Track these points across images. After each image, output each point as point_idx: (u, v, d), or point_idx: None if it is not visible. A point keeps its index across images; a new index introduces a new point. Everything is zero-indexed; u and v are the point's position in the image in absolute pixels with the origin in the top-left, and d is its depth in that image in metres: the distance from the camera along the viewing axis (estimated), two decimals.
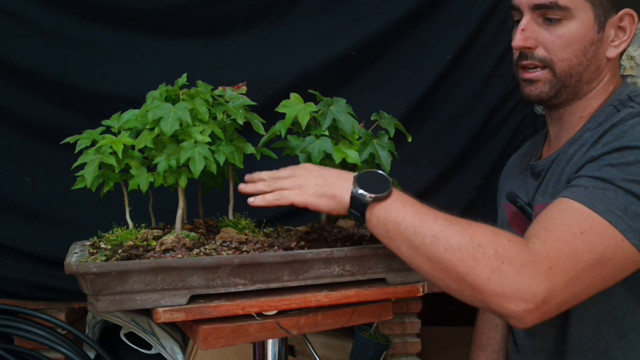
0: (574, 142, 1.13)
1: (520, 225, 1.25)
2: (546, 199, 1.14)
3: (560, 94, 1.14)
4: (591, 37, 1.09)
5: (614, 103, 1.11)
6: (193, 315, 0.99)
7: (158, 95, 1.13)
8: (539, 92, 1.14)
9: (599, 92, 1.15)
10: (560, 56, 1.10)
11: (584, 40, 1.09)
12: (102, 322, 1.84)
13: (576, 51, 1.09)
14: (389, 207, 0.98)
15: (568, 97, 1.15)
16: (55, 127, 1.60)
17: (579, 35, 1.09)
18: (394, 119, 1.22)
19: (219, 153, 1.08)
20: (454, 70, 1.71)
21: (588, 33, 1.09)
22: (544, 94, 1.14)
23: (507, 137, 1.74)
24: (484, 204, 1.74)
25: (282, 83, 1.62)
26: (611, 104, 1.12)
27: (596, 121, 1.12)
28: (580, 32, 1.08)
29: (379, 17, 1.65)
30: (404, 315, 1.82)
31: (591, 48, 1.10)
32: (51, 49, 1.61)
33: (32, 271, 1.62)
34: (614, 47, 1.11)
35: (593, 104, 1.15)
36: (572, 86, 1.13)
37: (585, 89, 1.14)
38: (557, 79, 1.12)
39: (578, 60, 1.10)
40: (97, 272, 0.93)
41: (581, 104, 1.16)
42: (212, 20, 1.65)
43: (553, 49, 1.10)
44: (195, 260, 0.98)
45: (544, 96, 1.14)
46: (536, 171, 1.22)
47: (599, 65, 1.12)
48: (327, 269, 1.06)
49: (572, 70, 1.11)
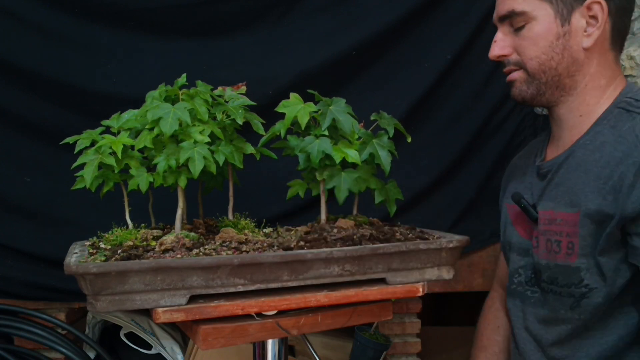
0: (584, 146, 1.13)
1: (524, 225, 1.25)
2: (557, 207, 1.14)
3: (542, 91, 1.16)
4: (555, 31, 1.12)
5: (620, 105, 1.11)
6: (193, 315, 0.99)
7: (157, 95, 1.13)
8: (519, 91, 1.18)
9: (590, 86, 1.15)
10: (529, 55, 1.14)
11: (549, 36, 1.12)
12: (102, 322, 1.84)
13: (543, 47, 1.13)
14: None
15: (555, 93, 1.16)
16: (55, 127, 1.60)
17: (542, 33, 1.12)
18: (394, 119, 1.22)
19: (219, 153, 1.08)
20: (454, 70, 1.71)
21: (551, 29, 1.12)
22: (525, 92, 1.18)
23: (507, 137, 1.74)
24: (484, 204, 1.74)
25: (282, 83, 1.62)
26: (618, 105, 1.12)
27: (607, 124, 1.11)
28: (542, 29, 1.12)
29: (379, 17, 1.65)
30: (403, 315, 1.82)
31: (559, 42, 1.12)
32: (51, 49, 1.61)
33: (32, 271, 1.62)
34: (587, 37, 1.12)
35: (587, 99, 1.15)
36: (550, 82, 1.15)
37: (568, 82, 1.15)
38: (532, 77, 1.16)
39: (547, 56, 1.13)
40: (97, 272, 0.93)
41: (574, 100, 1.16)
42: (212, 20, 1.65)
43: (522, 51, 1.15)
44: (195, 260, 0.98)
45: (526, 95, 1.18)
46: (542, 172, 1.21)
47: (575, 58, 1.13)
48: (327, 269, 1.06)
49: (543, 66, 1.14)
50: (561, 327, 1.15)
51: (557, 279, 1.14)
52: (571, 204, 1.11)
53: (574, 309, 1.12)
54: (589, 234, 1.08)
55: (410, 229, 1.22)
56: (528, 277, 1.23)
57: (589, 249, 1.08)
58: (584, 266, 1.09)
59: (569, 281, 1.12)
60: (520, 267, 1.25)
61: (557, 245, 1.13)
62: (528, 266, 1.23)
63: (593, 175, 1.08)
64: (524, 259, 1.24)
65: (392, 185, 1.23)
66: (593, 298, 1.09)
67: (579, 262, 1.10)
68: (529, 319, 1.22)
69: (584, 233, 1.09)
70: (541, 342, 1.19)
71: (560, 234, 1.13)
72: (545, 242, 1.16)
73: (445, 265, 1.14)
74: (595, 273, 1.08)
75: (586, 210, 1.08)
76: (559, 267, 1.13)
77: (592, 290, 1.09)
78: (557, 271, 1.13)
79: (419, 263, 1.11)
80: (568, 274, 1.12)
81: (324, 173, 1.16)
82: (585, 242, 1.08)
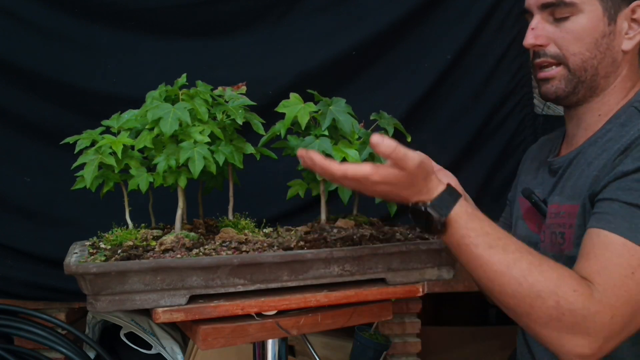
0: (594, 142, 1.12)
1: (534, 220, 1.24)
2: (562, 200, 1.14)
3: (578, 90, 1.13)
4: (602, 29, 1.09)
5: (635, 104, 1.10)
6: (192, 315, 0.98)
7: (157, 95, 1.12)
8: (555, 89, 1.14)
9: (617, 88, 1.14)
10: (572, 50, 1.10)
11: (595, 33, 1.09)
12: (102, 322, 1.84)
13: (588, 44, 1.10)
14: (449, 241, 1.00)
15: (586, 94, 1.14)
16: (55, 127, 1.60)
17: (588, 29, 1.09)
18: (394, 119, 1.22)
19: (219, 153, 1.08)
20: (454, 70, 1.71)
21: (598, 26, 1.09)
22: (561, 90, 1.14)
23: (507, 137, 1.74)
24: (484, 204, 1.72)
25: (282, 83, 1.62)
26: (632, 104, 1.11)
27: (617, 122, 1.11)
28: (590, 25, 1.09)
29: (379, 17, 1.65)
30: (403, 315, 1.82)
31: (603, 41, 1.09)
32: (51, 49, 1.61)
33: (32, 271, 1.62)
34: (629, 40, 1.10)
35: (611, 100, 1.14)
36: (588, 81, 1.12)
37: (602, 83, 1.13)
38: (572, 74, 1.12)
39: (591, 54, 1.10)
40: (97, 272, 0.93)
41: (599, 100, 1.14)
42: (212, 20, 1.65)
43: (564, 45, 1.11)
44: (195, 260, 0.98)
45: (561, 93, 1.14)
46: (554, 168, 1.21)
47: (614, 59, 1.11)
48: (327, 269, 1.06)
49: (586, 64, 1.11)
50: None
51: None
52: (573, 196, 1.11)
53: None
54: (583, 222, 1.08)
55: (411, 229, 1.22)
56: None
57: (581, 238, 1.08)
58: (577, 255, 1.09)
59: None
60: None
61: (561, 237, 1.13)
62: None
63: (594, 167, 1.08)
64: None
65: None
66: None
67: (574, 252, 1.09)
68: None
69: (579, 222, 1.09)
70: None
71: (563, 226, 1.13)
72: (550, 235, 1.16)
73: (445, 265, 1.14)
74: None
75: (583, 201, 1.08)
76: (564, 257, 1.12)
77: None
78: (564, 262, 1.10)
79: (419, 263, 1.11)
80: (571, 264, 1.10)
81: None
82: (581, 230, 1.08)
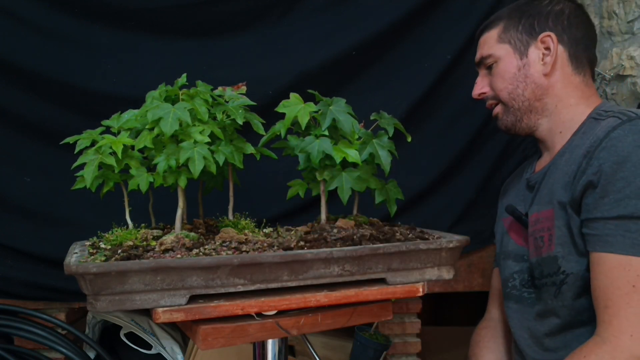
0: (563, 154, 1.24)
1: (519, 233, 1.32)
2: (539, 208, 1.25)
3: (519, 117, 1.31)
4: (516, 64, 1.29)
5: (593, 115, 1.23)
6: (192, 315, 0.99)
7: (158, 95, 1.13)
8: (502, 122, 1.34)
9: (561, 106, 1.27)
10: (498, 87, 1.31)
11: (511, 69, 1.29)
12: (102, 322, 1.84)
13: (509, 79, 1.29)
14: None
15: (530, 117, 1.30)
16: (55, 127, 1.60)
17: (506, 67, 1.30)
18: (394, 119, 1.22)
19: (219, 153, 1.08)
20: (454, 70, 1.71)
21: (512, 62, 1.29)
22: (506, 121, 1.33)
23: (507, 137, 1.74)
24: (484, 204, 1.74)
25: (282, 83, 1.62)
26: (591, 116, 1.24)
27: (580, 132, 1.24)
28: (506, 65, 1.30)
29: (379, 17, 1.65)
30: (403, 315, 1.82)
31: (520, 72, 1.29)
32: (51, 49, 1.61)
33: (32, 271, 1.62)
34: (544, 65, 1.27)
35: (563, 117, 1.27)
36: (522, 106, 1.30)
37: (539, 105, 1.29)
38: (506, 106, 1.31)
39: (513, 85, 1.29)
40: (97, 272, 0.93)
41: (550, 120, 1.29)
42: (212, 20, 1.65)
43: (494, 85, 1.33)
44: (195, 260, 0.98)
45: (508, 123, 1.33)
46: (531, 184, 1.31)
47: (537, 83, 1.28)
48: (327, 269, 1.06)
49: (513, 94, 1.29)
50: (552, 320, 1.20)
51: (543, 271, 1.21)
52: (549, 202, 1.21)
53: (556, 297, 1.18)
54: (563, 224, 1.17)
55: (411, 229, 1.22)
56: (524, 280, 1.28)
57: (565, 237, 1.17)
58: (560, 254, 1.17)
59: (550, 270, 1.19)
60: (515, 272, 1.31)
61: (541, 240, 1.22)
62: (524, 270, 1.28)
63: (562, 172, 1.20)
64: (519, 264, 1.30)
65: (392, 185, 1.23)
66: (570, 283, 1.16)
67: (556, 251, 1.18)
68: (526, 317, 1.27)
69: (559, 224, 1.18)
70: (536, 334, 1.25)
71: (543, 230, 1.22)
72: (533, 242, 1.24)
73: (445, 265, 1.14)
74: (571, 260, 1.16)
75: (557, 202, 1.18)
76: (544, 259, 1.20)
77: (569, 276, 1.16)
78: (543, 264, 1.21)
79: (419, 263, 1.11)
80: (550, 263, 1.19)
81: (325, 173, 1.16)
82: (561, 231, 1.18)
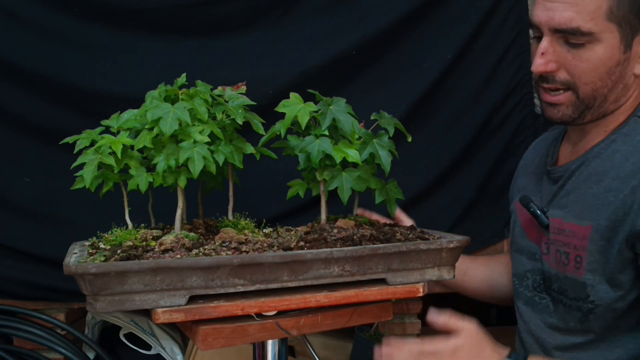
0: (598, 155, 1.10)
1: (533, 230, 1.23)
2: (567, 217, 1.11)
3: (584, 115, 1.10)
4: (617, 58, 1.04)
5: (638, 113, 1.08)
6: (192, 315, 0.98)
7: (157, 95, 1.12)
8: (562, 114, 1.10)
9: (627, 107, 1.11)
10: (584, 80, 1.06)
11: (610, 63, 1.04)
12: (101, 322, 1.84)
13: (601, 74, 1.05)
14: None
15: (593, 118, 1.11)
16: (55, 127, 1.60)
17: (604, 59, 1.03)
18: (394, 119, 1.22)
19: (218, 153, 1.08)
20: (454, 70, 1.71)
21: (614, 55, 1.03)
22: (567, 116, 1.10)
23: (508, 137, 1.74)
24: (484, 204, 1.73)
25: (282, 83, 1.62)
26: (636, 114, 1.09)
27: (621, 132, 1.09)
28: (606, 55, 1.03)
29: (379, 17, 1.65)
30: (404, 315, 1.81)
31: (617, 69, 1.05)
32: (51, 49, 1.61)
33: (32, 271, 1.62)
34: None
35: (620, 118, 1.11)
36: (596, 107, 1.08)
37: (611, 108, 1.09)
38: (581, 102, 1.08)
39: (603, 83, 1.05)
40: (96, 272, 0.93)
41: (606, 119, 1.12)
42: (212, 20, 1.65)
43: (577, 73, 1.06)
44: (194, 260, 0.97)
45: (567, 119, 1.11)
46: (554, 176, 1.18)
47: (625, 84, 1.07)
48: (327, 269, 1.05)
49: (597, 92, 1.06)
50: (568, 338, 1.13)
51: (566, 290, 1.12)
52: (580, 215, 1.08)
53: (583, 323, 1.10)
54: (597, 250, 1.05)
55: (411, 229, 1.22)
56: (537, 283, 1.21)
57: (597, 264, 1.06)
58: (589, 282, 1.07)
59: (577, 295, 1.09)
60: (528, 271, 1.24)
61: (565, 257, 1.11)
62: (536, 271, 1.21)
63: (604, 186, 1.05)
64: (532, 262, 1.23)
65: (392, 185, 1.23)
66: (599, 314, 1.07)
67: (585, 278, 1.08)
68: (535, 322, 1.21)
69: (592, 249, 1.06)
70: (543, 344, 1.19)
71: (568, 246, 1.10)
72: (555, 252, 1.14)
73: (446, 265, 1.13)
74: (601, 290, 1.06)
75: (597, 226, 1.05)
76: (569, 279, 1.11)
77: (598, 307, 1.07)
78: (567, 283, 1.11)
79: (419, 263, 1.11)
80: (576, 287, 1.09)
81: (325, 173, 1.16)
82: (594, 257, 1.06)
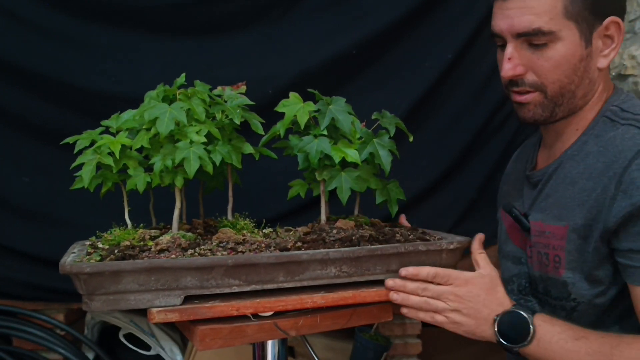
0: (572, 157, 1.12)
1: (517, 235, 1.24)
2: (546, 219, 1.13)
3: (555, 113, 1.12)
4: (580, 54, 1.07)
5: (606, 114, 1.10)
6: (187, 315, 0.98)
7: (155, 95, 1.12)
8: (533, 114, 1.12)
9: (594, 102, 1.13)
10: (551, 79, 1.08)
11: (573, 59, 1.07)
12: (101, 323, 1.84)
13: (566, 71, 1.07)
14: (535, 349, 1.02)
15: (564, 114, 1.13)
16: (55, 127, 1.60)
17: (567, 55, 1.06)
18: (396, 118, 1.22)
19: (215, 153, 1.08)
20: (455, 70, 1.70)
21: (576, 51, 1.06)
22: (538, 115, 1.12)
23: (508, 136, 1.73)
24: (484, 204, 1.72)
25: (282, 82, 1.62)
26: (604, 114, 1.11)
27: (592, 133, 1.11)
28: (569, 52, 1.06)
29: (379, 17, 1.65)
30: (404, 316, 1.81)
31: (581, 65, 1.07)
32: (51, 49, 1.61)
33: (31, 272, 1.62)
34: (604, 57, 1.09)
35: (589, 115, 1.13)
36: (565, 104, 1.11)
37: (580, 103, 1.12)
38: (549, 100, 1.10)
39: (569, 80, 1.08)
40: (91, 272, 0.93)
41: (577, 116, 1.14)
42: (212, 20, 1.64)
43: (543, 73, 1.08)
44: (189, 260, 0.97)
45: (539, 117, 1.12)
46: (533, 181, 1.20)
47: (591, 79, 1.10)
48: (324, 270, 1.05)
49: (564, 89, 1.09)
50: None
51: (550, 291, 1.14)
52: (559, 217, 1.10)
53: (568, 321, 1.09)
54: (575, 248, 1.07)
55: (412, 230, 1.21)
56: (522, 286, 1.23)
57: (575, 263, 1.08)
58: (570, 280, 1.09)
59: (559, 294, 1.12)
60: (514, 276, 1.25)
61: (545, 258, 1.13)
62: (522, 275, 1.23)
63: (578, 188, 1.08)
64: (517, 267, 1.24)
65: (394, 185, 1.22)
66: (582, 311, 1.09)
67: (565, 276, 1.10)
68: None
69: (570, 248, 1.08)
70: None
71: (547, 247, 1.12)
72: (536, 254, 1.16)
73: (446, 266, 1.12)
74: (582, 288, 1.08)
75: (574, 225, 1.07)
76: (551, 279, 1.13)
77: (580, 304, 1.09)
78: (550, 284, 1.14)
79: (418, 264, 1.10)
80: (558, 287, 1.12)
81: (324, 173, 1.16)
82: (572, 256, 1.08)
